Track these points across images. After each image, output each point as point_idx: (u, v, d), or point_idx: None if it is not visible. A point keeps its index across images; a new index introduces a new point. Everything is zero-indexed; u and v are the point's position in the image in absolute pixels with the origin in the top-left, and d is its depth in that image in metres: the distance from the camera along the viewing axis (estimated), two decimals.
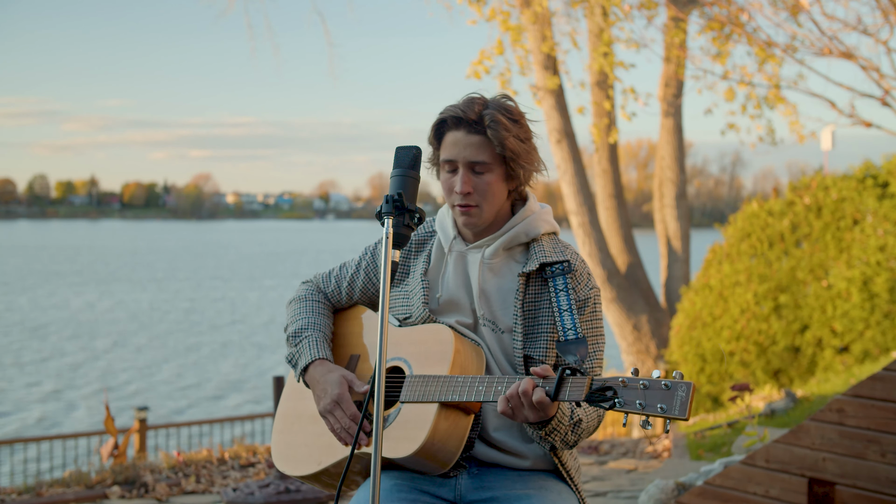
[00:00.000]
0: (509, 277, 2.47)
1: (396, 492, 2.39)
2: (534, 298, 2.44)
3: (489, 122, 2.37)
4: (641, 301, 13.14)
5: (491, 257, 2.48)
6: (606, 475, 6.65)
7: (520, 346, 2.40)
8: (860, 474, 3.53)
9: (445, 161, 2.44)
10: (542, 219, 2.51)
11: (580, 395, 2.06)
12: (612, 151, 13.36)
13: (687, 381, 1.97)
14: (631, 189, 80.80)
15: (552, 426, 2.24)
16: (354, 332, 2.68)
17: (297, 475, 2.57)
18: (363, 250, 2.70)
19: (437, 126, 2.45)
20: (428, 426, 2.28)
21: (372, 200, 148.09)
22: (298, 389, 2.67)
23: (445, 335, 2.39)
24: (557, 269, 2.43)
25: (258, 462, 7.05)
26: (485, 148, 2.39)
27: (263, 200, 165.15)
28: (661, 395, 1.97)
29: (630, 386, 2.01)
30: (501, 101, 2.43)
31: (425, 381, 2.33)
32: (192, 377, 23.05)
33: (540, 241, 2.49)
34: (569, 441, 2.32)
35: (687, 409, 1.94)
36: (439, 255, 2.55)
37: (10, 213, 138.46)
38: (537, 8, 11.46)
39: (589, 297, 2.44)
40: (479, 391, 2.25)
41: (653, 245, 14.79)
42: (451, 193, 2.45)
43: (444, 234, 2.55)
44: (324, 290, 2.73)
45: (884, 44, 9.03)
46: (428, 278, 2.53)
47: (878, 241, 10.25)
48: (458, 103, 2.43)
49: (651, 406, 1.97)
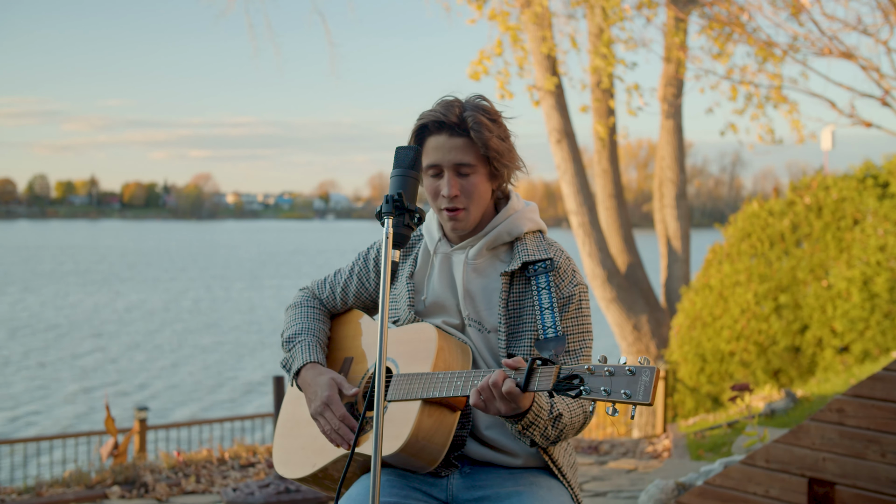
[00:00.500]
0: (493, 277, 2.48)
1: (388, 488, 2.41)
2: (518, 297, 2.44)
3: (472, 124, 2.38)
4: (641, 301, 13.14)
5: (475, 258, 2.49)
6: (606, 475, 6.65)
7: (503, 346, 2.41)
8: (860, 474, 3.53)
9: (430, 166, 2.43)
10: (525, 217, 2.51)
11: (548, 384, 2.06)
12: (612, 151, 13.37)
13: (650, 365, 1.96)
14: (631, 189, 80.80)
15: (529, 420, 2.22)
16: (350, 335, 2.71)
17: (295, 478, 2.60)
18: (356, 256, 2.74)
19: (417, 132, 2.45)
20: (411, 423, 2.29)
21: (372, 200, 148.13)
22: (297, 394, 2.70)
23: (430, 333, 2.41)
24: (540, 267, 2.43)
25: (258, 462, 7.05)
26: (469, 150, 2.40)
27: (263, 200, 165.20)
28: (626, 380, 1.96)
29: (597, 373, 2.00)
30: (478, 101, 2.44)
31: (409, 379, 2.34)
32: (192, 377, 23.06)
33: (524, 239, 2.49)
34: (549, 436, 2.29)
35: (650, 394, 1.92)
36: (425, 257, 2.57)
37: (10, 213, 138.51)
38: (537, 8, 11.46)
39: (573, 294, 2.44)
40: (456, 386, 2.25)
41: (653, 245, 14.80)
42: (437, 198, 2.45)
43: (430, 236, 2.57)
44: (319, 296, 2.78)
45: (884, 44, 9.03)
46: (413, 281, 2.55)
47: (879, 240, 10.25)
48: (437, 108, 2.42)
49: (616, 392, 1.96)
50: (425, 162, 2.44)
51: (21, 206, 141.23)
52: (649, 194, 64.07)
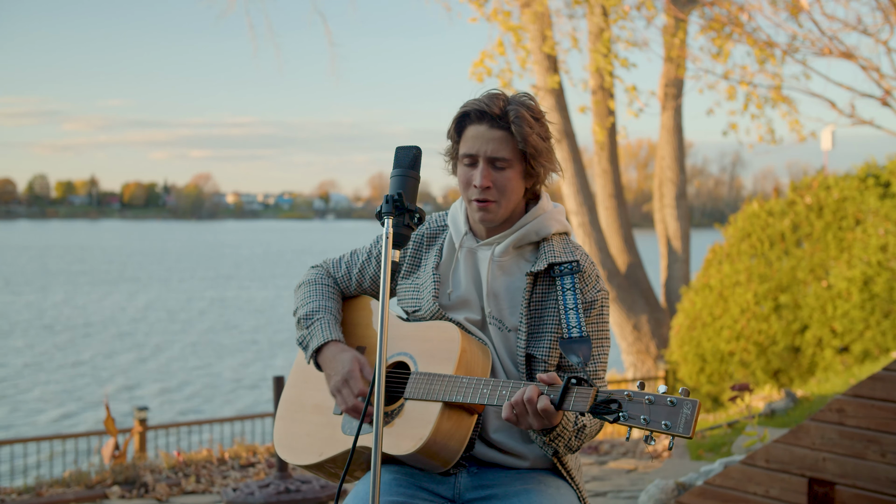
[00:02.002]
0: (518, 276, 2.46)
1: (395, 486, 2.40)
2: (541, 298, 2.43)
3: (514, 118, 2.35)
4: (641, 301, 13.15)
5: (501, 255, 2.47)
6: (606, 475, 6.65)
7: (523, 346, 2.39)
8: (860, 474, 3.53)
9: (466, 155, 2.41)
10: (553, 218, 2.49)
11: (584, 406, 2.05)
12: (613, 151, 13.38)
13: (693, 398, 1.95)
14: (631, 189, 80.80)
15: (556, 433, 2.24)
16: (362, 323, 2.67)
17: (299, 464, 2.58)
18: (374, 238, 2.69)
19: (458, 119, 2.43)
20: (431, 425, 2.28)
21: (372, 200, 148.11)
22: (303, 377, 2.67)
23: (453, 334, 2.38)
24: (566, 268, 2.41)
25: (258, 462, 7.05)
26: (507, 143, 2.38)
27: (263, 200, 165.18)
28: (666, 411, 1.96)
29: (635, 400, 1.99)
30: (523, 98, 2.42)
31: (430, 379, 2.33)
32: (192, 377, 23.05)
33: (550, 240, 2.47)
34: (572, 447, 2.32)
35: (691, 428, 1.91)
36: (450, 250, 2.54)
37: (10, 213, 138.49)
38: (538, 7, 11.47)
39: (596, 300, 2.43)
40: (483, 394, 2.25)
41: (653, 245, 14.80)
42: (469, 187, 2.43)
43: (456, 228, 2.54)
44: (333, 275, 2.73)
45: (884, 44, 9.03)
46: (439, 272, 2.52)
47: (880, 240, 10.25)
48: (481, 98, 2.40)
49: (655, 422, 1.96)
50: (462, 150, 2.42)
51: (21, 206, 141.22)
52: (649, 194, 64.08)
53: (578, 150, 12.92)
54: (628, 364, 13.22)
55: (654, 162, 17.45)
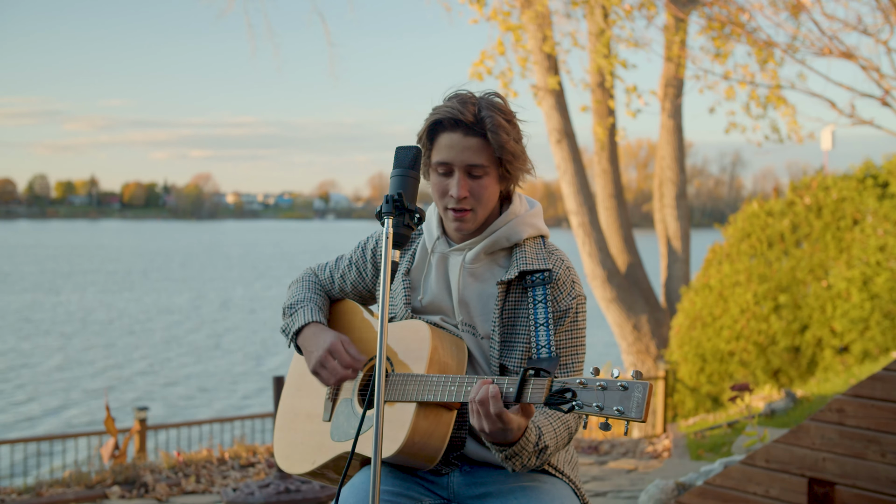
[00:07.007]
0: (490, 283, 2.42)
1: (392, 478, 2.42)
2: (513, 306, 2.39)
3: (489, 126, 2.30)
4: (641, 301, 13.14)
5: (472, 262, 2.42)
6: (606, 475, 6.65)
7: (497, 354, 2.37)
8: (860, 474, 3.53)
9: (440, 163, 2.35)
10: (525, 223, 2.43)
11: (541, 396, 2.04)
12: (612, 151, 13.37)
13: (643, 381, 1.93)
14: (631, 189, 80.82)
15: (514, 451, 2.19)
16: (345, 328, 2.69)
17: (296, 473, 2.60)
18: (356, 244, 2.68)
19: (431, 126, 2.36)
20: (407, 426, 2.28)
21: (372, 200, 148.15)
22: (297, 385, 2.68)
23: (423, 333, 2.38)
24: (538, 278, 2.37)
25: (258, 462, 7.05)
26: (483, 151, 2.33)
27: (263, 200, 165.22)
28: (619, 396, 1.94)
29: (589, 387, 1.97)
30: (494, 100, 2.36)
31: (404, 380, 2.33)
32: (192, 377, 23.05)
33: (523, 246, 2.42)
34: (529, 466, 2.26)
35: (643, 411, 1.90)
36: (423, 254, 2.51)
37: (10, 213, 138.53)
38: (538, 7, 11.46)
39: (570, 307, 2.38)
40: (451, 391, 2.25)
41: (653, 245, 14.79)
42: (445, 196, 2.38)
43: (429, 233, 2.51)
44: (319, 277, 2.75)
45: (884, 44, 9.02)
46: (410, 278, 2.50)
47: (879, 240, 10.25)
48: (452, 103, 2.33)
49: (608, 408, 1.94)
50: (435, 158, 2.37)
51: (21, 206, 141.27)
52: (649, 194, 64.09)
53: (578, 150, 12.92)
54: (628, 364, 13.22)
55: (654, 162, 17.45)
